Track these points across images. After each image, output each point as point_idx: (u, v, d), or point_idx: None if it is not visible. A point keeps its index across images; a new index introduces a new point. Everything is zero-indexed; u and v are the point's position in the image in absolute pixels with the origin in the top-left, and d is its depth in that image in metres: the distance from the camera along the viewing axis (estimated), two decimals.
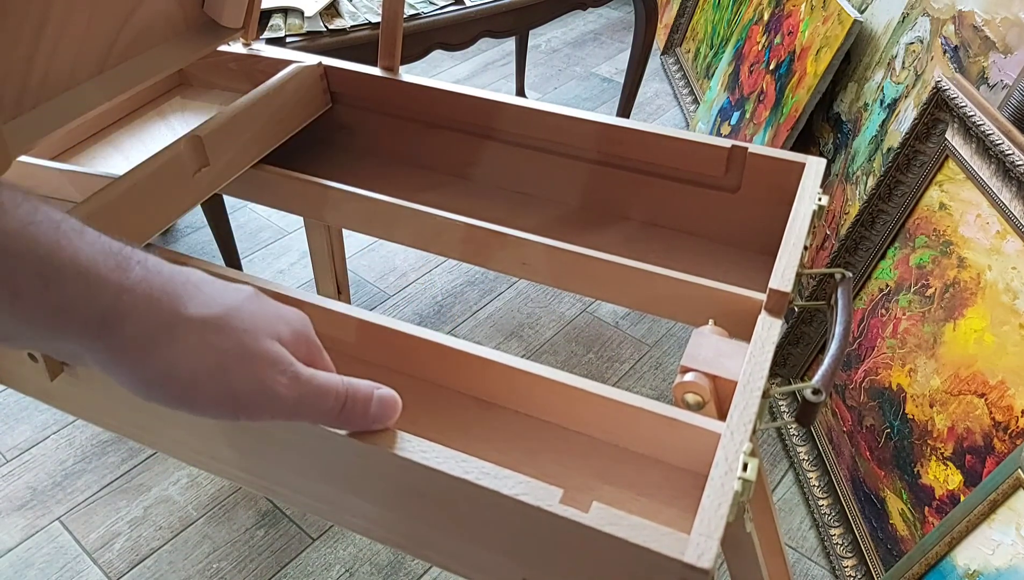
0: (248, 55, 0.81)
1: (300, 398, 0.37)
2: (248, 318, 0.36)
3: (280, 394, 0.36)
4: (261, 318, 0.37)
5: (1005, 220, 0.85)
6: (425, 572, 1.04)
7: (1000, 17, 0.97)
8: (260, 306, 0.37)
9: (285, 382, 0.36)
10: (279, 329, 0.37)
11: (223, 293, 0.36)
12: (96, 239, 0.32)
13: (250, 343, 0.35)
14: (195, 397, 0.35)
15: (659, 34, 2.30)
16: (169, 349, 0.33)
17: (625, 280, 0.63)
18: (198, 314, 0.34)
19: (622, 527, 0.38)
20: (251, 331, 0.36)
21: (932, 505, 0.89)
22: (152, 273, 0.33)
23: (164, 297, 0.33)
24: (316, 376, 0.38)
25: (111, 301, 0.32)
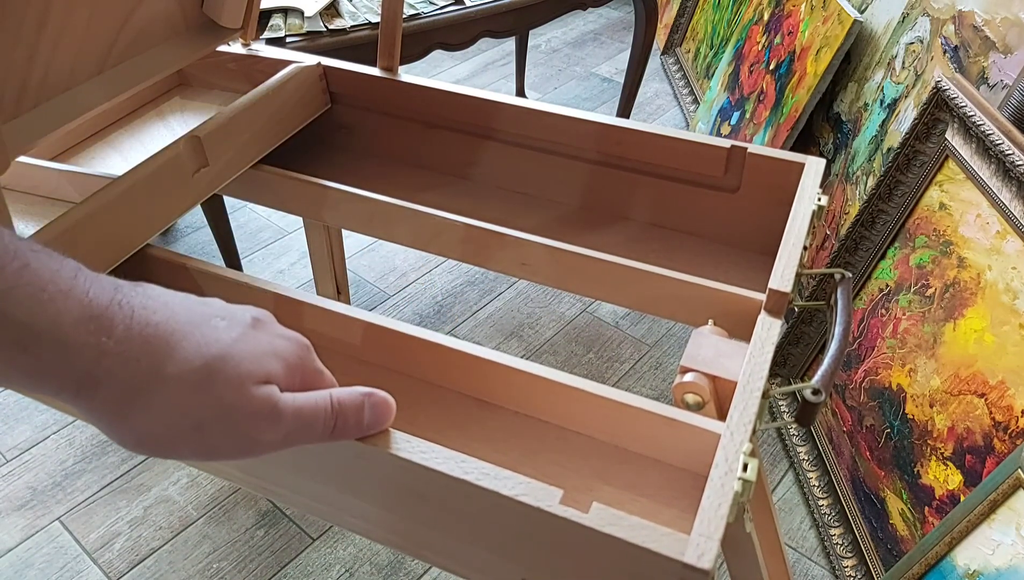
0: (247, 55, 0.81)
1: (287, 436, 0.37)
2: (232, 368, 0.35)
3: (264, 441, 0.36)
4: (248, 362, 0.36)
5: (1005, 220, 0.85)
6: (425, 572, 1.04)
7: (1000, 17, 0.97)
8: (252, 346, 0.36)
9: (268, 428, 0.36)
10: (270, 368, 0.37)
11: (212, 340, 0.35)
12: (83, 298, 0.32)
13: (231, 398, 0.35)
14: (177, 453, 0.35)
15: (659, 34, 2.30)
16: (145, 412, 0.33)
17: (625, 280, 0.63)
18: (176, 372, 0.34)
19: (622, 527, 0.38)
20: (234, 382, 0.35)
21: (932, 505, 0.89)
22: (136, 330, 0.33)
23: (144, 357, 0.33)
24: (302, 408, 0.37)
25: (89, 366, 0.32)
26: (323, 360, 0.42)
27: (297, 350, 0.39)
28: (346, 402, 0.40)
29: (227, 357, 0.35)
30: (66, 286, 0.32)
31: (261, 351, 0.37)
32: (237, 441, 0.35)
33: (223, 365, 0.35)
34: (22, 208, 0.64)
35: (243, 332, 0.37)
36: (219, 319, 0.36)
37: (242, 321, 0.37)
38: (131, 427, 0.34)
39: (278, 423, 0.36)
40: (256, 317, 0.39)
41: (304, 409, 0.38)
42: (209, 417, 0.34)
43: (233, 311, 0.38)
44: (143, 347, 0.33)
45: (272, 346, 0.38)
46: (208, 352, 0.35)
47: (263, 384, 0.36)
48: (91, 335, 0.32)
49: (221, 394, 0.35)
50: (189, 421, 0.34)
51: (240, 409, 0.35)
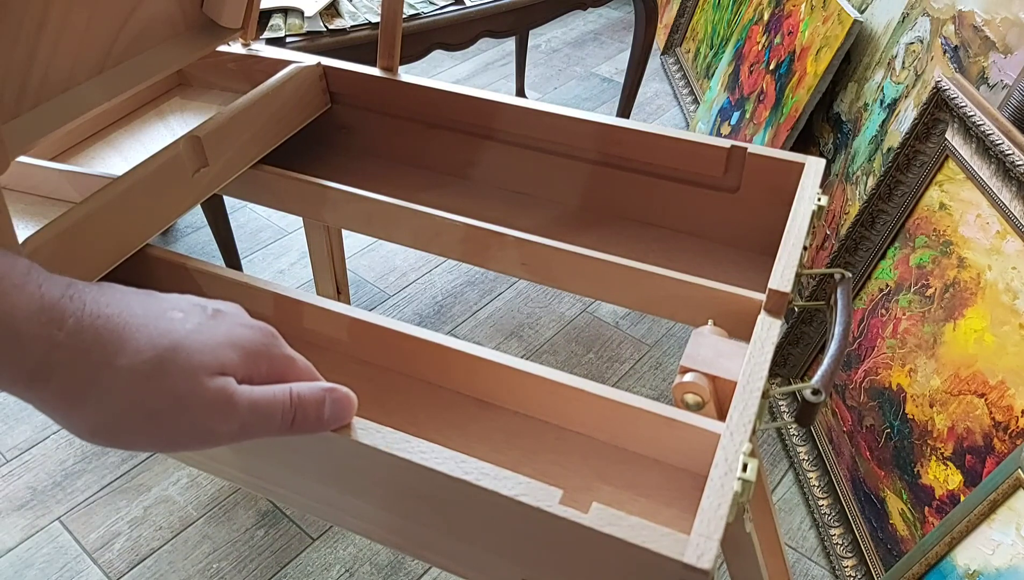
0: (247, 55, 0.81)
1: (243, 427, 0.37)
2: (184, 359, 0.35)
3: (218, 431, 0.36)
4: (202, 353, 0.36)
5: (1005, 220, 0.85)
6: (425, 572, 1.04)
7: (1000, 17, 0.97)
8: (207, 336, 0.36)
9: (222, 419, 0.36)
10: (224, 359, 0.36)
11: (165, 331, 0.35)
12: (35, 291, 0.32)
13: (183, 388, 0.35)
14: (134, 443, 0.35)
15: (659, 34, 2.30)
16: (97, 403, 0.33)
17: (625, 280, 0.63)
18: (128, 364, 0.34)
19: (622, 528, 0.38)
20: (187, 372, 0.35)
21: (932, 505, 0.89)
22: (87, 323, 0.33)
23: (96, 348, 0.33)
24: (259, 400, 0.37)
25: (40, 358, 0.32)
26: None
27: (260, 338, 0.39)
28: (306, 396, 0.40)
29: (180, 348, 0.35)
30: (19, 281, 0.32)
31: (217, 342, 0.37)
32: (192, 432, 0.35)
33: (175, 355, 0.35)
34: (22, 208, 0.64)
35: (200, 323, 0.37)
36: (176, 312, 0.37)
37: (200, 313, 0.37)
38: (83, 417, 0.34)
39: (233, 414, 0.36)
40: (217, 308, 0.39)
41: (261, 402, 0.37)
42: (162, 407, 0.34)
43: (193, 304, 0.38)
44: (94, 339, 0.33)
45: (230, 336, 0.37)
46: (160, 343, 0.35)
47: (217, 375, 0.36)
48: (42, 327, 0.32)
49: (173, 385, 0.35)
50: (141, 411, 0.34)
51: (193, 400, 0.35)
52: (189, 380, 0.35)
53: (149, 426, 0.34)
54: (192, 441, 0.36)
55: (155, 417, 0.34)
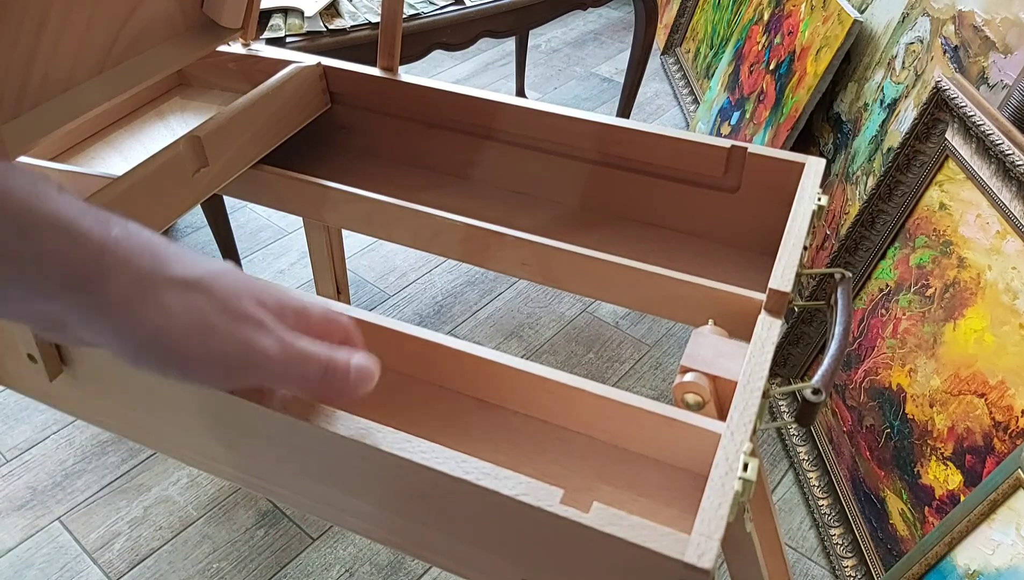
0: (247, 55, 0.81)
1: (286, 360, 0.37)
2: (231, 283, 0.36)
3: (267, 354, 0.36)
4: (244, 284, 0.37)
5: (1005, 220, 0.85)
6: (425, 572, 1.04)
7: (1000, 17, 0.97)
8: (242, 275, 0.37)
9: (271, 343, 0.36)
10: (263, 296, 0.37)
11: (204, 260, 0.36)
12: (74, 199, 0.32)
13: (235, 305, 0.35)
14: (183, 359, 0.34)
15: (659, 34, 2.30)
16: (155, 309, 0.33)
17: (625, 280, 0.63)
18: (181, 275, 0.34)
19: (622, 527, 0.38)
20: (235, 294, 0.35)
21: (932, 505, 0.89)
22: (132, 234, 0.33)
23: (146, 255, 0.33)
24: (300, 340, 0.38)
25: (93, 256, 0.31)
26: None
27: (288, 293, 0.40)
28: (337, 357, 0.39)
29: (224, 275, 0.36)
30: (56, 186, 0.31)
31: (254, 281, 0.37)
32: (243, 348, 0.35)
33: (222, 279, 0.35)
34: None
35: (230, 266, 0.37)
36: (200, 254, 0.37)
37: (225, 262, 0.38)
38: (142, 323, 0.33)
39: (281, 343, 0.36)
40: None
41: (302, 343, 0.37)
42: (218, 319, 0.34)
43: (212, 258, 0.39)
44: (144, 247, 0.33)
45: (262, 283, 0.39)
46: (205, 266, 0.35)
47: (261, 306, 0.36)
48: (92, 227, 0.31)
49: (223, 300, 0.35)
50: (198, 320, 0.34)
51: (246, 317, 0.35)
52: (236, 298, 0.35)
53: (202, 337, 0.34)
54: (241, 358, 0.35)
55: (209, 327, 0.34)
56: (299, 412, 0.45)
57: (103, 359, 0.53)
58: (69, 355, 0.54)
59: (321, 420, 0.44)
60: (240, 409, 0.48)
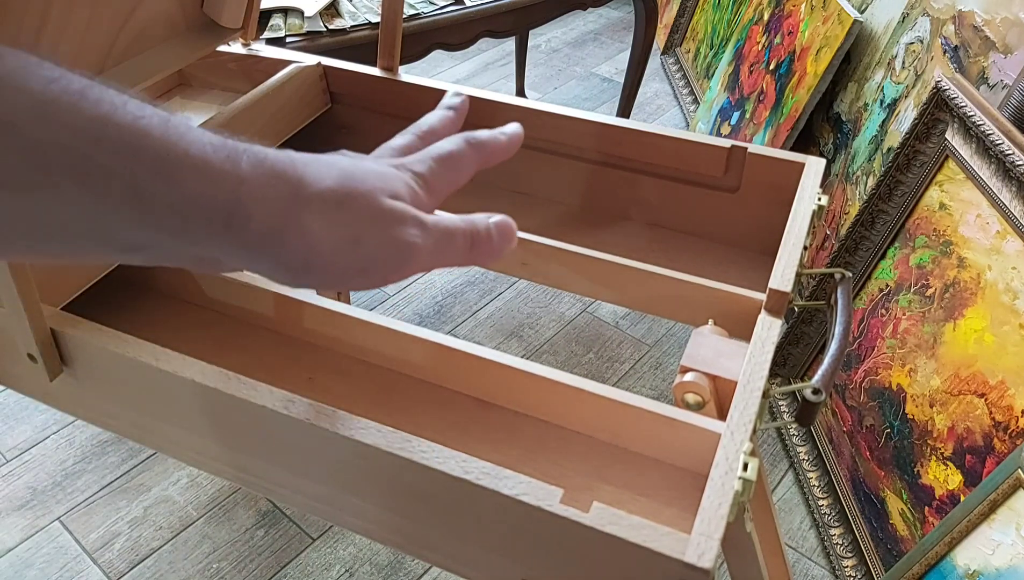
0: (248, 55, 0.81)
1: (435, 245, 0.37)
2: (362, 180, 0.35)
3: (416, 246, 0.36)
4: (373, 178, 0.36)
5: (1005, 220, 0.85)
6: (425, 572, 1.04)
7: (1000, 17, 0.97)
8: (371, 168, 0.37)
9: (417, 233, 0.36)
10: (394, 186, 0.36)
11: (332, 165, 0.35)
12: (203, 133, 0.31)
13: (374, 206, 0.35)
14: (339, 274, 0.35)
15: (659, 34, 2.30)
16: (302, 234, 0.33)
17: (625, 280, 0.63)
18: (317, 191, 0.34)
19: (622, 527, 0.38)
20: (370, 193, 0.35)
21: (932, 505, 0.89)
22: (261, 161, 0.33)
23: (280, 181, 0.33)
24: (440, 220, 0.38)
25: (232, 194, 0.31)
26: (323, 359, 0.41)
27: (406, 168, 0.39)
28: (476, 222, 0.40)
29: (354, 175, 0.35)
30: (185, 122, 0.31)
31: (381, 172, 0.37)
32: (393, 249, 0.35)
33: (353, 178, 0.35)
34: None
35: (358, 159, 0.37)
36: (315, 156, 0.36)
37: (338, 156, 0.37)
38: (295, 250, 0.33)
39: (425, 230, 0.36)
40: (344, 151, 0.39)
41: (442, 222, 0.37)
42: (363, 227, 0.34)
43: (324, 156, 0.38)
44: (274, 172, 0.32)
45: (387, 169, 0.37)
46: (335, 173, 0.35)
47: (394, 198, 0.36)
48: (224, 163, 0.31)
49: (362, 207, 0.34)
50: (347, 234, 0.34)
51: (387, 216, 0.35)
52: (374, 200, 0.35)
53: (355, 249, 0.34)
54: (394, 258, 0.35)
55: (359, 239, 0.34)
56: (299, 412, 0.45)
57: (103, 359, 0.53)
58: (69, 355, 0.54)
59: (321, 420, 0.44)
60: (240, 409, 0.48)
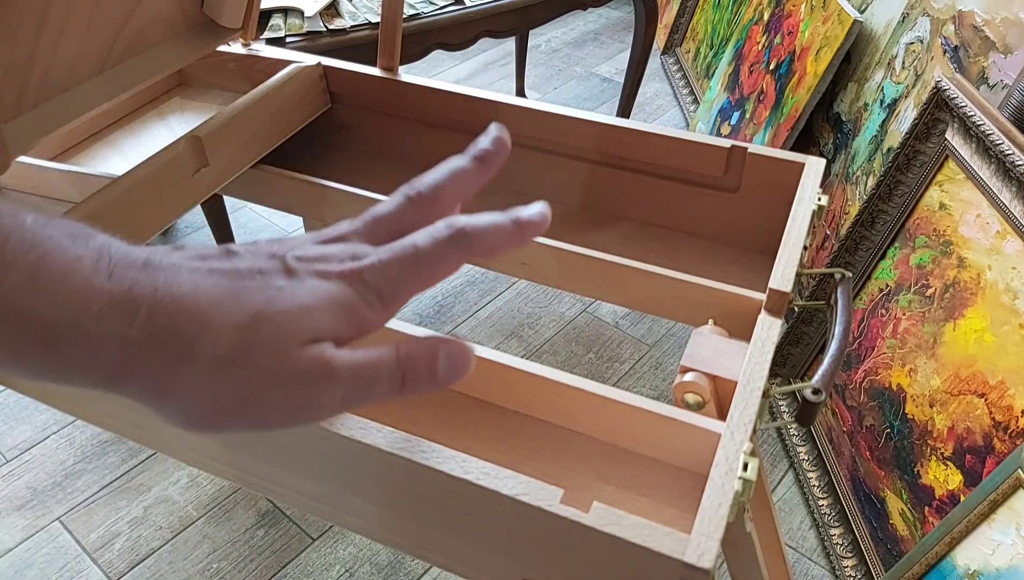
0: (247, 55, 0.81)
1: (346, 395, 0.33)
2: (269, 333, 0.32)
3: (319, 403, 0.33)
4: (288, 322, 0.32)
5: (1005, 220, 0.85)
6: (425, 572, 1.04)
7: (1000, 17, 0.97)
8: (290, 301, 0.32)
9: (321, 391, 0.33)
10: (315, 323, 0.32)
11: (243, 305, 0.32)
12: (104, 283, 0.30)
13: (273, 365, 0.32)
14: (231, 428, 0.33)
15: (659, 34, 2.30)
16: (184, 396, 0.31)
17: (625, 280, 0.63)
18: (208, 354, 0.31)
19: (622, 527, 0.38)
20: (274, 347, 0.32)
21: (932, 505, 0.89)
22: (160, 310, 0.30)
23: (171, 341, 0.31)
24: (360, 364, 0.33)
25: (115, 357, 0.30)
26: None
27: (348, 291, 0.34)
28: (415, 353, 0.35)
29: (263, 320, 0.31)
30: (87, 274, 0.30)
31: (302, 304, 0.32)
32: (292, 409, 0.32)
33: (259, 330, 0.31)
34: None
35: (280, 286, 0.32)
36: (255, 274, 0.33)
37: (278, 270, 0.33)
38: (174, 412, 0.32)
39: (333, 384, 0.32)
40: (298, 257, 0.34)
41: (363, 365, 0.33)
42: (253, 392, 0.31)
43: (270, 257, 0.34)
44: (169, 329, 0.30)
45: (316, 294, 0.33)
46: (239, 321, 0.31)
47: (309, 343, 0.32)
48: (113, 325, 0.30)
49: (262, 364, 0.31)
50: (232, 398, 0.31)
51: (287, 376, 0.32)
52: (279, 354, 0.31)
53: (244, 410, 0.32)
54: (293, 418, 0.33)
55: (248, 403, 0.32)
56: None
57: None
58: None
59: None
60: None
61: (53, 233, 0.30)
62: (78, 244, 0.30)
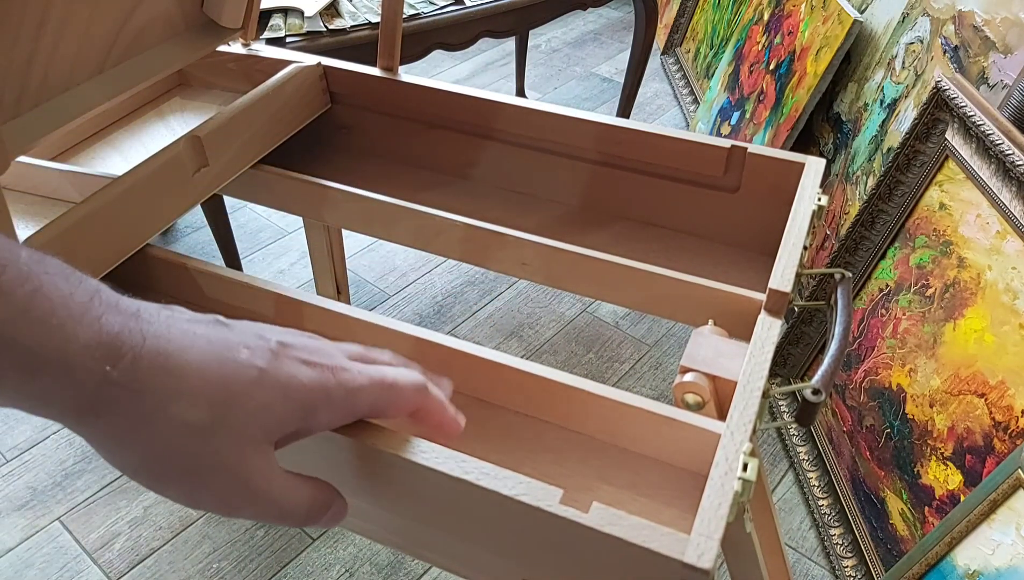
0: (247, 55, 0.81)
1: (258, 515, 0.36)
2: (235, 423, 0.33)
3: (237, 510, 0.35)
4: (254, 417, 0.34)
5: (1005, 220, 0.85)
6: (425, 572, 1.04)
7: (1000, 17, 0.97)
8: (265, 391, 0.34)
9: (240, 505, 0.35)
10: (277, 420, 0.35)
11: (223, 379, 0.33)
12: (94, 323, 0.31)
13: (225, 456, 0.33)
14: (164, 491, 0.34)
15: (659, 34, 2.30)
16: (144, 447, 0.32)
17: (625, 280, 0.63)
18: (179, 415, 0.32)
19: (622, 527, 0.38)
20: (233, 439, 0.33)
21: (932, 505, 0.89)
22: (145, 361, 0.31)
23: (149, 391, 0.32)
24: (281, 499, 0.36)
25: (91, 394, 0.31)
26: None
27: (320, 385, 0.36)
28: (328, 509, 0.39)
29: (235, 405, 0.33)
30: (78, 312, 0.31)
31: (272, 398, 0.34)
32: (217, 501, 0.34)
33: (228, 414, 0.33)
34: (22, 208, 0.64)
35: (262, 370, 0.34)
36: (243, 348, 0.34)
37: (264, 351, 0.35)
38: (128, 458, 0.33)
39: (253, 503, 0.35)
40: (281, 342, 0.36)
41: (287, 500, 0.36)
42: (201, 467, 0.33)
43: (259, 337, 0.36)
44: (150, 380, 0.32)
45: (289, 386, 0.35)
46: (217, 396, 0.33)
47: (262, 448, 0.34)
48: (96, 362, 0.31)
49: (219, 449, 0.33)
50: (182, 466, 0.33)
51: (228, 472, 0.34)
52: (236, 447, 0.33)
53: (184, 480, 0.34)
54: (214, 507, 0.35)
55: (191, 475, 0.33)
56: None
57: None
58: None
59: None
60: None
61: (48, 269, 0.31)
62: (71, 283, 0.31)
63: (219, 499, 0.34)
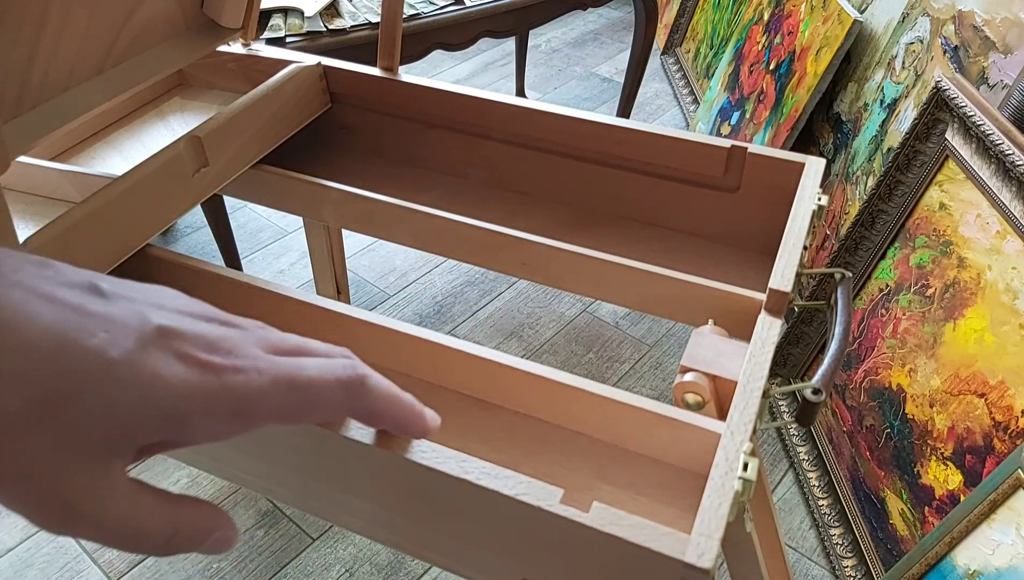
0: (247, 55, 0.81)
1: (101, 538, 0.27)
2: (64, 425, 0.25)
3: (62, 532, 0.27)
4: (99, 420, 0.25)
5: (1005, 220, 0.85)
6: (425, 572, 1.04)
7: (1000, 17, 0.97)
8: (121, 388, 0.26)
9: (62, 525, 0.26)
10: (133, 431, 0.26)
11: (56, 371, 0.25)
12: None
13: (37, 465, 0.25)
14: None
15: (659, 34, 2.30)
16: None
17: (625, 280, 0.63)
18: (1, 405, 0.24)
19: (622, 527, 0.38)
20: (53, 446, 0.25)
21: (932, 505, 0.89)
22: None
23: None
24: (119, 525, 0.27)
25: None
26: None
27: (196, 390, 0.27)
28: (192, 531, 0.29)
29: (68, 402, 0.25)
30: None
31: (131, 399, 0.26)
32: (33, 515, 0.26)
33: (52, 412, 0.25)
34: (22, 208, 0.64)
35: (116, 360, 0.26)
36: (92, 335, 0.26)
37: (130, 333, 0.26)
38: None
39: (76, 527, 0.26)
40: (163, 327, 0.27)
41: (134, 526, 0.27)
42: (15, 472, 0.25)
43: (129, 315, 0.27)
44: None
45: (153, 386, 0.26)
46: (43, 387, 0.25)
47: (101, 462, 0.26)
48: None
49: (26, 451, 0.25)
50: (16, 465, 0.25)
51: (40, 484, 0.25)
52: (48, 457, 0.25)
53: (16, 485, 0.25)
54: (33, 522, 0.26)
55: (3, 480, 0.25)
56: None
57: None
58: None
59: None
60: None
61: None
62: None
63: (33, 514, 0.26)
